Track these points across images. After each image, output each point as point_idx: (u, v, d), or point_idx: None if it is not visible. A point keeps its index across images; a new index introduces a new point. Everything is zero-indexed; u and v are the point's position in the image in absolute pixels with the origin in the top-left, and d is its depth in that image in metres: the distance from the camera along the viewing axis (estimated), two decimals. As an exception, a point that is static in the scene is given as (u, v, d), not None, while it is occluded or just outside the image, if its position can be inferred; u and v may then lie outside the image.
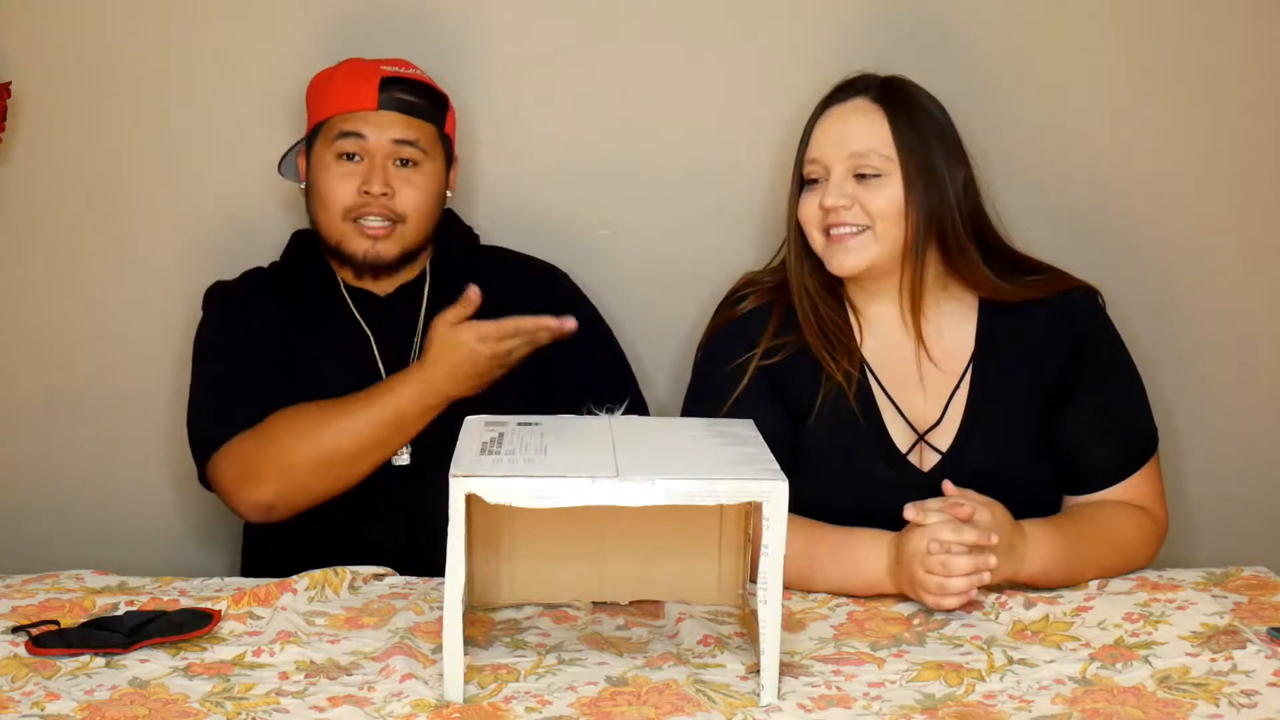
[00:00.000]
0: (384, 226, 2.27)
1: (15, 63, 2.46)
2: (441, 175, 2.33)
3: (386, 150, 2.27)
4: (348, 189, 2.26)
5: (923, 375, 2.12)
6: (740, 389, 2.11)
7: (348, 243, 2.28)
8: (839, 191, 2.08)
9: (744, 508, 1.86)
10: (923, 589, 1.88)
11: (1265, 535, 2.60)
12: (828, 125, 2.13)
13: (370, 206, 2.26)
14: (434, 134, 2.31)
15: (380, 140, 2.26)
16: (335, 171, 2.27)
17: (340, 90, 2.30)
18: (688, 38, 2.53)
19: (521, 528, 1.88)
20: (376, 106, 2.27)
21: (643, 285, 2.55)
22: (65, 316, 2.55)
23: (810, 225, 2.12)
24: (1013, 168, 2.47)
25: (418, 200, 2.28)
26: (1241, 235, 2.58)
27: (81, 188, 2.53)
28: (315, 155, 2.31)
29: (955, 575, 1.86)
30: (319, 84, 2.35)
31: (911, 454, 2.10)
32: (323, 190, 2.28)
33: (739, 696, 1.65)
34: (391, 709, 1.62)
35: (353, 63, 2.34)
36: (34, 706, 1.62)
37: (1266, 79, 2.53)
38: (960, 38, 2.51)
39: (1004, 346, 2.12)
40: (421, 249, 2.34)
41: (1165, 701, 1.64)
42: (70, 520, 2.60)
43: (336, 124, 2.28)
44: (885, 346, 2.14)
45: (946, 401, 2.11)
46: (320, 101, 2.32)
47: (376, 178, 2.25)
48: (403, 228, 2.28)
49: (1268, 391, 2.62)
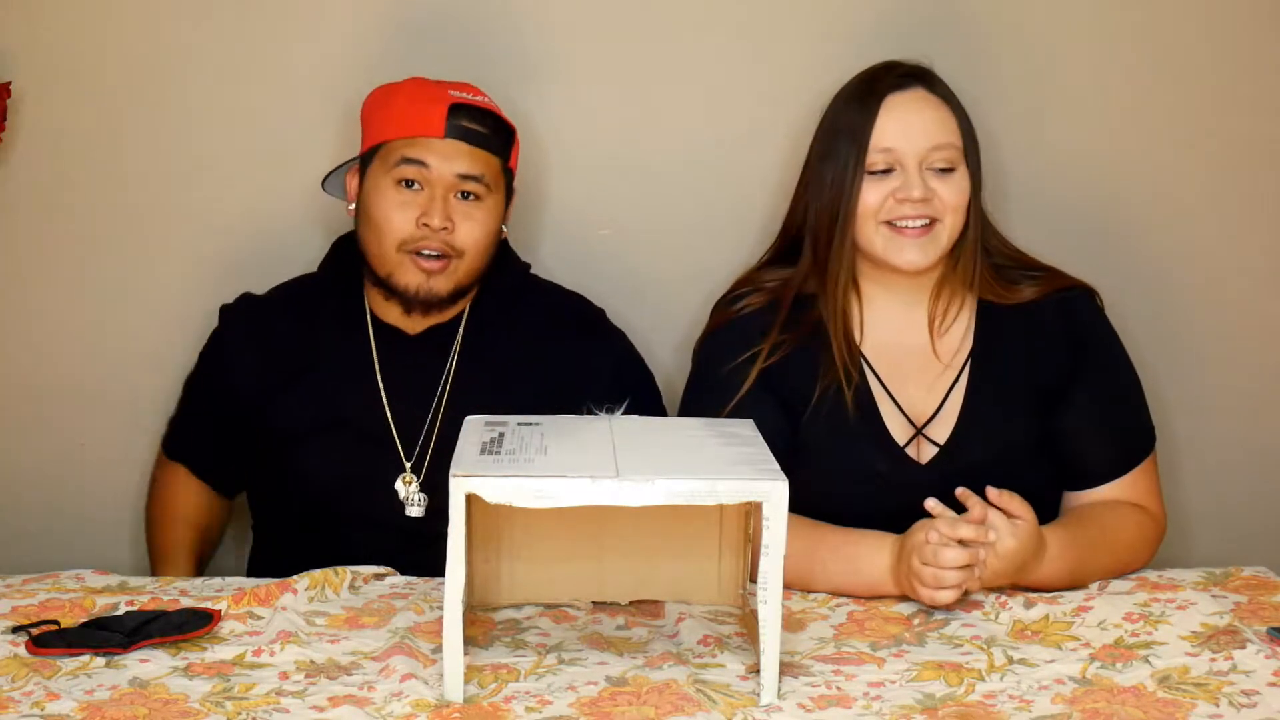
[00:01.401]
0: (440, 261, 2.17)
1: (15, 63, 2.46)
2: (501, 210, 2.23)
3: (449, 182, 2.16)
4: (406, 219, 2.15)
5: (923, 370, 2.12)
6: (741, 392, 2.10)
7: (400, 275, 2.18)
8: (921, 184, 2.05)
9: (744, 508, 1.86)
10: (918, 580, 1.88)
11: (1265, 535, 2.59)
12: (900, 115, 2.07)
13: (429, 240, 2.15)
14: (499, 167, 2.21)
15: (444, 171, 2.16)
16: (394, 199, 2.16)
17: (404, 113, 2.18)
18: (691, 38, 2.53)
19: (521, 528, 1.88)
20: (443, 134, 2.16)
21: (642, 285, 2.55)
22: (65, 317, 2.55)
23: (870, 216, 2.07)
24: (1014, 168, 2.48)
25: (477, 236, 2.18)
26: (1241, 237, 2.58)
27: (81, 188, 2.53)
28: (371, 178, 2.19)
29: (945, 568, 1.86)
30: (379, 102, 2.23)
31: (909, 447, 2.09)
32: (377, 217, 2.17)
33: (739, 696, 1.65)
34: (392, 709, 1.62)
35: (418, 83, 2.23)
36: (34, 706, 1.62)
37: (1269, 80, 2.54)
38: (961, 31, 2.51)
39: (1001, 344, 2.12)
40: (472, 286, 2.24)
41: (1165, 701, 1.64)
42: (70, 520, 2.59)
43: (398, 149, 2.17)
44: (887, 341, 2.14)
45: (945, 395, 2.11)
46: (381, 122, 2.21)
47: (437, 210, 2.15)
48: (458, 262, 2.18)
49: (1268, 392, 2.62)
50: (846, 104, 2.12)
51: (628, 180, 2.56)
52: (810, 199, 2.13)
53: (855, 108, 2.09)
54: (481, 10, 2.52)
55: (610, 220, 2.56)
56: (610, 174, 2.55)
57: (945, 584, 1.86)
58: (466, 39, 2.49)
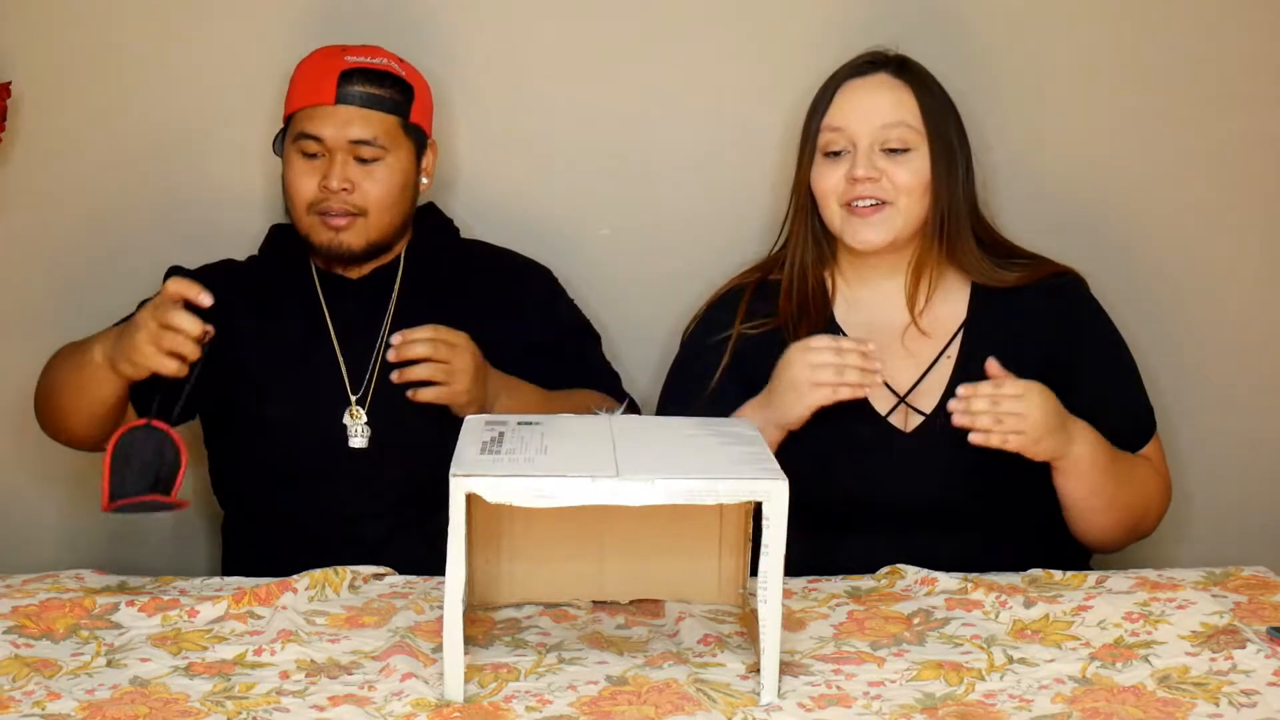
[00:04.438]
0: (346, 219, 2.27)
1: (15, 63, 2.46)
2: (408, 165, 2.31)
3: (345, 147, 2.26)
4: (309, 184, 2.27)
5: (909, 346, 2.14)
6: (722, 365, 2.17)
7: (314, 234, 2.29)
8: (869, 164, 2.09)
9: (744, 507, 1.86)
10: (800, 380, 2.01)
11: (1265, 535, 2.60)
12: (853, 96, 2.12)
13: (330, 201, 2.26)
14: (396, 125, 2.29)
15: (338, 137, 2.26)
16: (299, 167, 2.28)
17: (301, 84, 2.30)
18: (686, 34, 2.53)
19: (521, 527, 1.88)
20: (334, 101, 2.26)
21: (641, 284, 2.56)
22: (64, 316, 2.55)
23: (830, 197, 2.12)
24: (1010, 161, 2.48)
25: (379, 193, 2.28)
26: (1241, 237, 2.58)
27: (81, 188, 2.53)
28: (286, 149, 2.32)
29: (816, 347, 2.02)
30: (293, 74, 2.34)
31: (894, 416, 2.11)
32: (289, 185, 2.31)
33: (739, 696, 1.65)
34: (392, 708, 1.62)
35: (319, 53, 2.32)
36: (34, 706, 1.62)
37: (1267, 76, 2.54)
38: (957, 31, 2.51)
39: (994, 324, 2.15)
40: (393, 239, 2.34)
41: (1165, 701, 1.64)
42: (70, 520, 2.60)
43: (299, 121, 2.29)
44: (869, 319, 2.17)
45: (929, 365, 2.12)
46: (290, 94, 2.33)
47: (335, 174, 2.25)
48: (364, 220, 2.28)
49: (1268, 392, 2.62)
50: (818, 93, 2.18)
51: (622, 178, 2.56)
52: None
53: (819, 94, 2.16)
54: (475, 3, 2.53)
55: (604, 218, 2.56)
56: (604, 172, 2.56)
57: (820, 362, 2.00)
58: (447, 31, 2.50)
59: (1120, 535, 2.15)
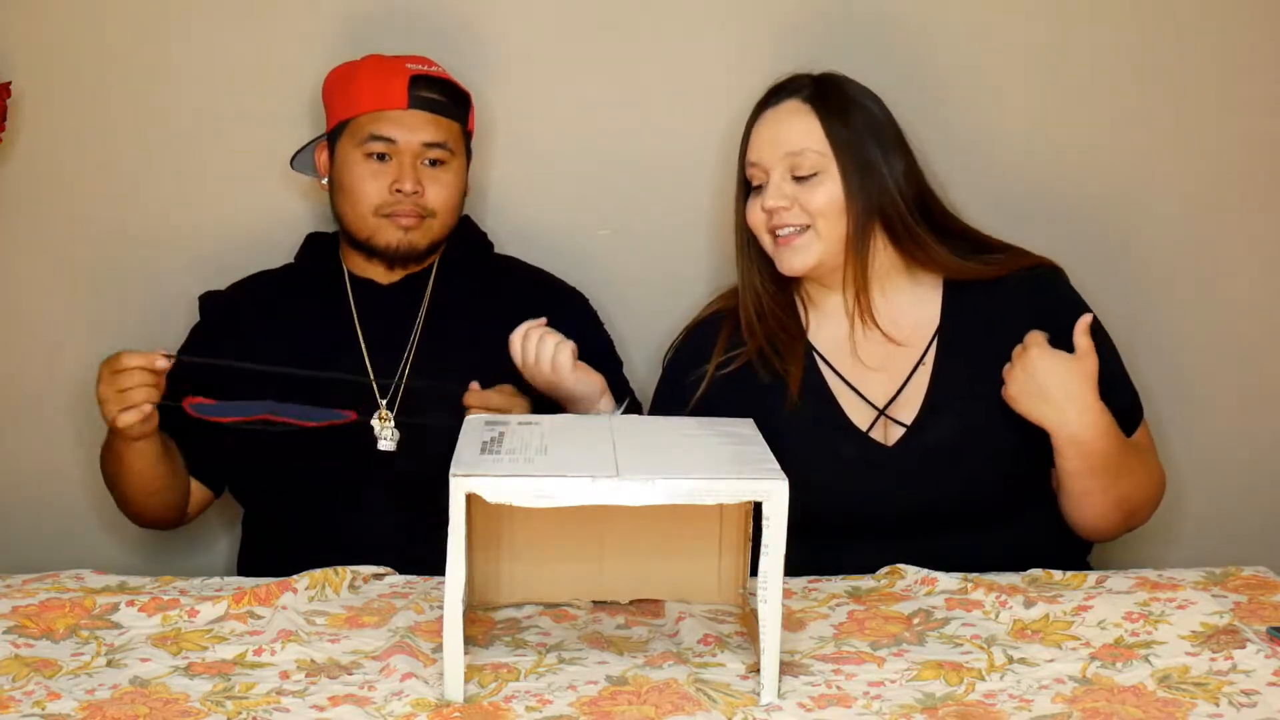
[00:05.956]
0: (415, 219, 2.30)
1: (15, 63, 2.46)
2: (465, 172, 2.37)
3: (416, 150, 2.30)
4: (379, 187, 2.29)
5: (883, 358, 2.15)
6: (696, 396, 2.17)
7: (380, 236, 2.31)
8: (778, 193, 2.12)
9: (744, 507, 1.86)
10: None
11: (1265, 535, 2.60)
12: (762, 129, 2.16)
13: (402, 204, 2.29)
14: (459, 132, 2.35)
15: (411, 141, 2.29)
16: (365, 170, 2.29)
17: (367, 88, 2.30)
18: (689, 38, 2.53)
19: (521, 527, 1.88)
20: (406, 106, 2.29)
21: (641, 285, 2.56)
22: (65, 316, 2.55)
23: (758, 229, 2.17)
24: (1013, 168, 2.48)
25: (445, 197, 2.32)
26: (1240, 238, 2.58)
27: (82, 188, 2.53)
28: (341, 152, 2.32)
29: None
30: (340, 80, 2.35)
31: (874, 430, 2.12)
32: (351, 188, 2.30)
33: (739, 696, 1.65)
34: (392, 708, 1.62)
35: (377, 59, 2.34)
36: (35, 706, 1.62)
37: (1265, 78, 2.54)
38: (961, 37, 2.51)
39: (969, 321, 2.15)
40: (443, 242, 2.37)
41: (1165, 701, 1.64)
42: (70, 520, 2.60)
43: (365, 124, 2.29)
44: (840, 335, 2.18)
45: (906, 377, 2.13)
46: (344, 98, 2.33)
47: (408, 177, 2.28)
48: (431, 221, 2.32)
49: (1267, 392, 2.62)
50: (745, 126, 2.21)
51: (626, 181, 2.56)
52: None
53: (745, 127, 2.20)
54: (484, 11, 2.53)
55: (609, 221, 2.56)
56: (609, 175, 2.56)
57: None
58: (459, 38, 2.50)
59: (1116, 522, 2.15)
